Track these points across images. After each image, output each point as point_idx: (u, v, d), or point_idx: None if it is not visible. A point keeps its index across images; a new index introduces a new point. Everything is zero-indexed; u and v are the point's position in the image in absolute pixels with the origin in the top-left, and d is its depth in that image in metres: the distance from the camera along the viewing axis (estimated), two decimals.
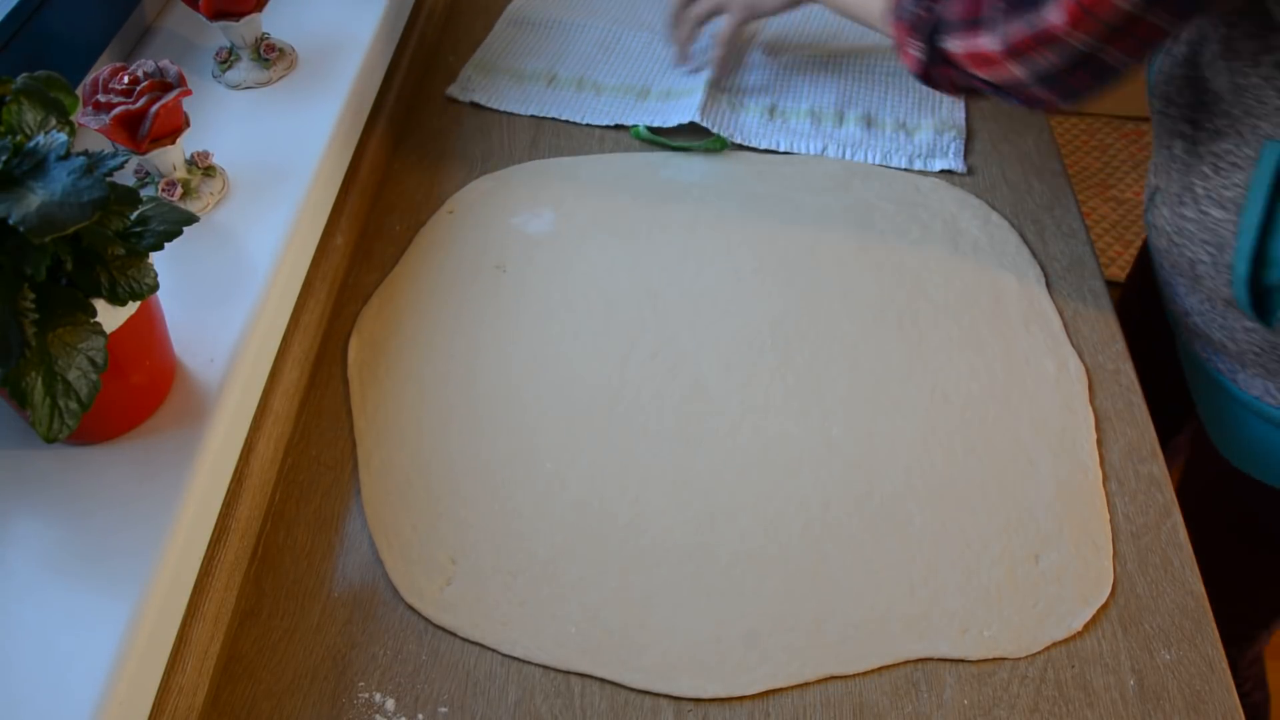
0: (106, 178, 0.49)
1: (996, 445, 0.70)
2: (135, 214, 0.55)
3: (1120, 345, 0.77)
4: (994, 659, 0.60)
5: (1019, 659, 0.60)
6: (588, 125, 0.95)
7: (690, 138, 0.93)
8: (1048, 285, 0.81)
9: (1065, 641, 0.61)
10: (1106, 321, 0.79)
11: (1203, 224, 0.69)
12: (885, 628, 0.61)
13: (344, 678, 0.59)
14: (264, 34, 0.83)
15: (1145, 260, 0.95)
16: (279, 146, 0.77)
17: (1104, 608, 0.63)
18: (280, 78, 0.83)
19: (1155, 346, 0.89)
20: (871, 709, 0.59)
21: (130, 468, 0.57)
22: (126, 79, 0.65)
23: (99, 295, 0.52)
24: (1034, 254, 0.83)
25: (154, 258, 0.55)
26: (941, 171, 0.90)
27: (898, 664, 0.60)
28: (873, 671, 0.60)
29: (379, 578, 0.64)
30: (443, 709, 0.58)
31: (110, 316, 0.53)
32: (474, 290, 0.80)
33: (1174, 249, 0.73)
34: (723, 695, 0.59)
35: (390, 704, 0.58)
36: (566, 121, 0.95)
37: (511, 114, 0.96)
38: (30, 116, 0.52)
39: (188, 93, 0.67)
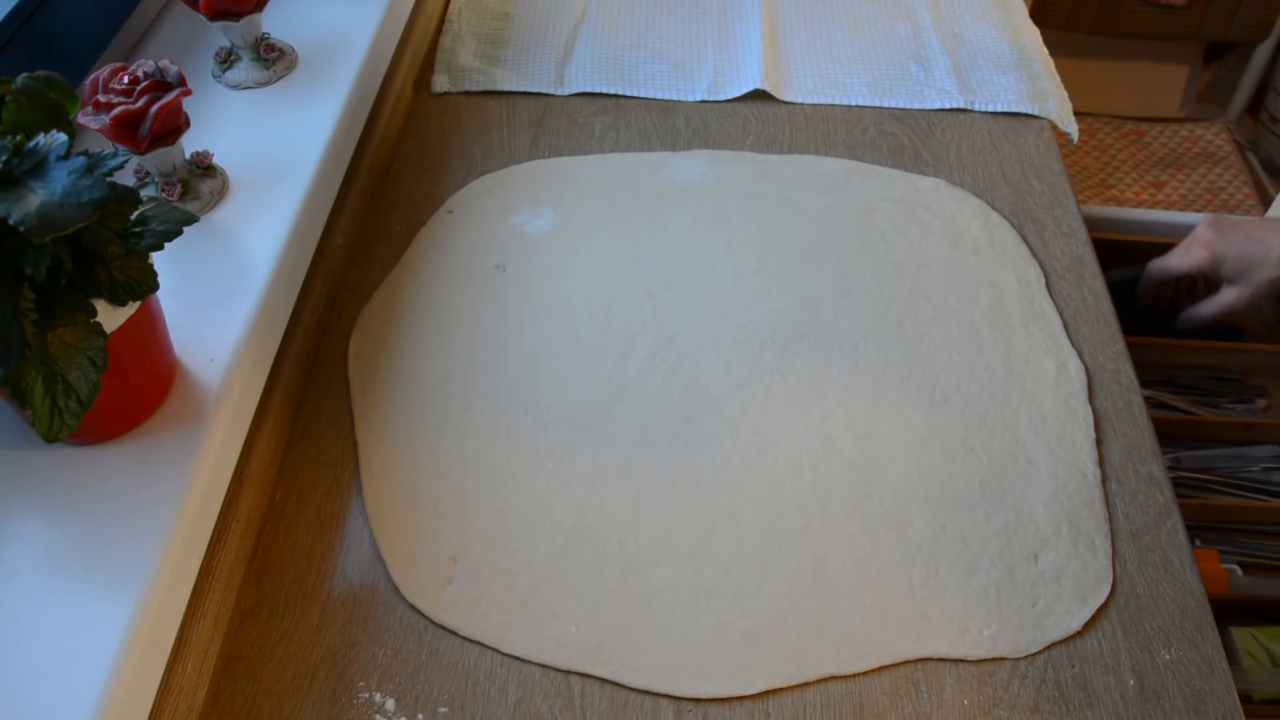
0: (106, 178, 0.49)
1: (996, 445, 0.70)
2: (135, 214, 0.55)
3: (1120, 345, 0.77)
4: (994, 659, 0.60)
5: (1019, 659, 0.61)
6: (597, 120, 0.95)
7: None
8: (1048, 285, 0.81)
9: (1065, 641, 0.61)
10: (1106, 321, 0.79)
11: None
12: (885, 628, 0.61)
13: (344, 678, 0.59)
14: (264, 34, 0.83)
15: None
16: (279, 146, 0.77)
17: (1104, 608, 0.63)
18: (280, 78, 0.83)
19: None
20: (871, 709, 0.59)
21: (130, 468, 0.57)
22: (126, 79, 0.65)
23: (99, 295, 0.52)
24: (1034, 254, 0.83)
25: (154, 258, 0.55)
26: (944, 182, 0.91)
27: (897, 664, 0.60)
28: (872, 671, 0.60)
29: (379, 578, 0.64)
30: (443, 709, 0.58)
31: (110, 316, 0.53)
32: (474, 290, 0.80)
33: None
34: (723, 695, 0.59)
35: (390, 704, 0.58)
36: (568, 120, 0.95)
37: (512, 114, 0.96)
38: (30, 116, 0.52)
39: (188, 93, 0.67)
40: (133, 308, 0.54)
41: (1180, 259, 0.90)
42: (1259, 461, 0.91)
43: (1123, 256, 1.02)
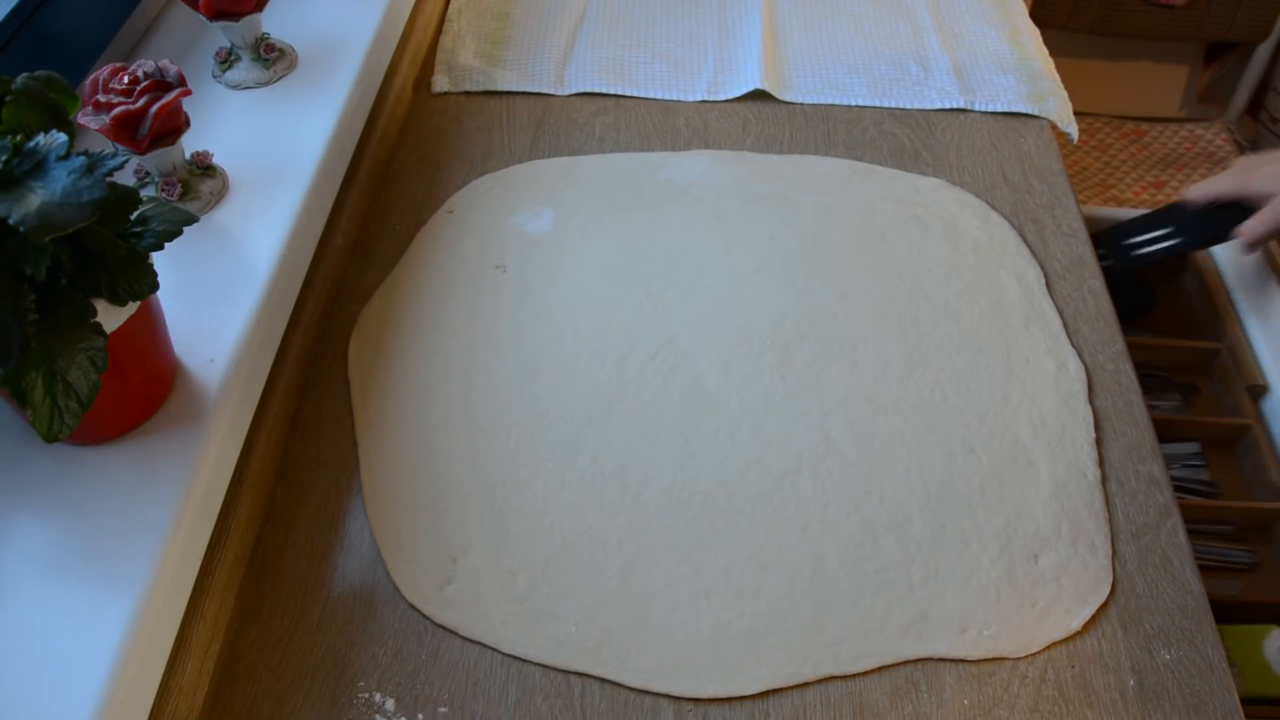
0: (106, 178, 0.49)
1: (996, 445, 0.70)
2: (135, 214, 0.55)
3: (1120, 345, 0.77)
4: (994, 659, 0.60)
5: (1019, 659, 0.61)
6: (597, 120, 0.95)
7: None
8: (1048, 285, 0.81)
9: (1065, 641, 0.61)
10: (1106, 321, 0.79)
11: None
12: (885, 628, 0.61)
13: (344, 678, 0.59)
14: (264, 34, 0.83)
15: None
16: (279, 146, 0.77)
17: (1104, 607, 0.63)
18: (280, 78, 0.83)
19: None
20: (871, 709, 0.59)
21: (130, 468, 0.57)
22: (126, 79, 0.65)
23: (99, 295, 0.52)
24: (1034, 254, 0.83)
25: (154, 258, 0.55)
26: (942, 181, 0.91)
27: (897, 664, 0.60)
28: (872, 671, 0.60)
29: (379, 577, 0.64)
30: (443, 709, 0.58)
31: (110, 316, 0.53)
32: (474, 290, 0.80)
33: None
34: (722, 695, 0.59)
35: (390, 704, 0.58)
36: (569, 120, 0.95)
37: (512, 114, 0.96)
38: (30, 116, 0.52)
39: (188, 93, 0.67)
40: (133, 308, 0.54)
41: (1210, 184, 0.88)
42: (1179, 460, 0.90)
43: None
